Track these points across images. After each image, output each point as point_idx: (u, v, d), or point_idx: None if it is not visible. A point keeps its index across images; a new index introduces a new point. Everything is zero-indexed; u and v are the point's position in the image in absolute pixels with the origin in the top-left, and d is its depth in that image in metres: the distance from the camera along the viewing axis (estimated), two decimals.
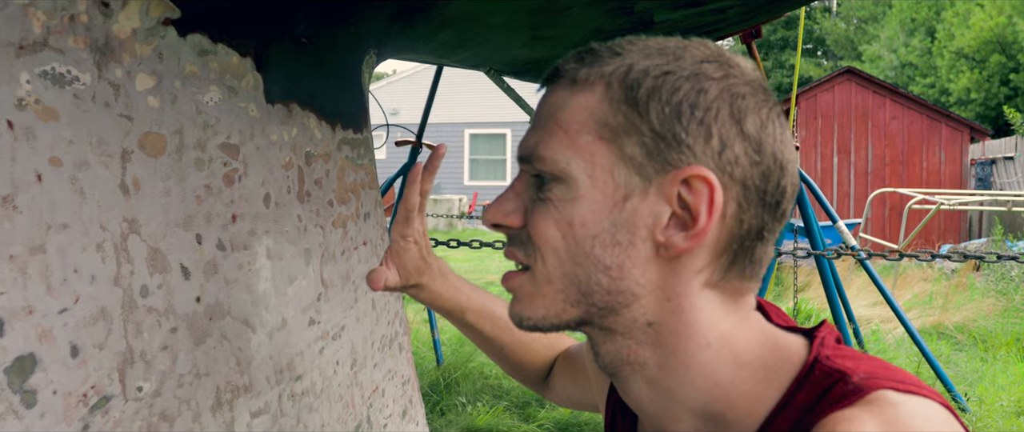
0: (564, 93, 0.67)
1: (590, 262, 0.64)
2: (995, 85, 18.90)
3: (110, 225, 1.04)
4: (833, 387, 0.60)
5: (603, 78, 0.65)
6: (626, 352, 0.68)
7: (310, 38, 1.59)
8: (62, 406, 0.96)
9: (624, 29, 2.38)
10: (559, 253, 0.65)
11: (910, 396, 0.57)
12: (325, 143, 1.66)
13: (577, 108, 0.65)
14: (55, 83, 0.96)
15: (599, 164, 0.63)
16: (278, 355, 1.42)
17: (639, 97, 0.63)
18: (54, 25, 0.96)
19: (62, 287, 0.96)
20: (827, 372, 0.62)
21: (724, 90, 0.64)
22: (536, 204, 0.67)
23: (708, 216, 0.63)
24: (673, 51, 0.66)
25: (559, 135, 0.65)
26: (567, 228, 0.64)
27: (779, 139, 0.66)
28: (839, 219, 4.02)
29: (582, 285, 0.65)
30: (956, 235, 11.36)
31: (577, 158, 0.64)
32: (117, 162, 1.06)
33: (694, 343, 0.66)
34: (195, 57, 1.24)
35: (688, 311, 0.66)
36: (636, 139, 0.63)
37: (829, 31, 30.54)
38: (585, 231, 0.64)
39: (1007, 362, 5.10)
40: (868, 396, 0.58)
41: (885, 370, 0.61)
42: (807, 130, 11.85)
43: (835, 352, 0.65)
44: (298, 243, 1.52)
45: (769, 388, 0.64)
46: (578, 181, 0.64)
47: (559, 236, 0.65)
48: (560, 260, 0.65)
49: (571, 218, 0.64)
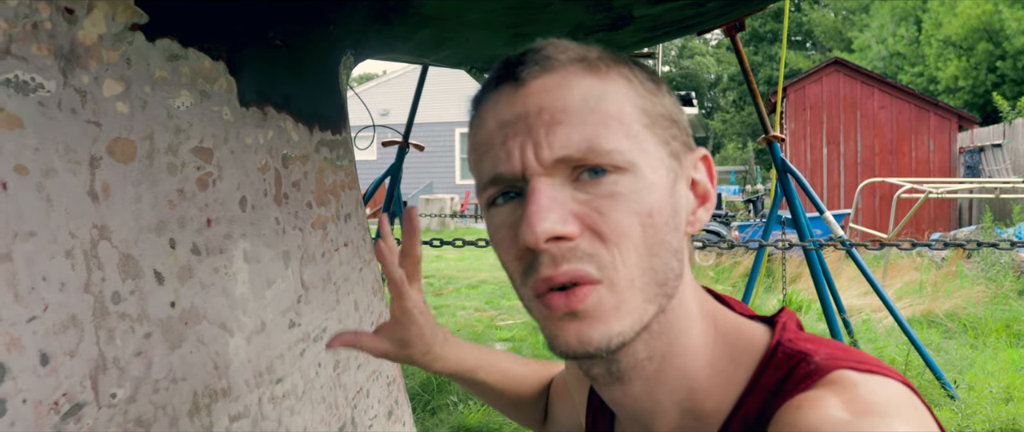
0: (590, 82, 0.62)
1: (664, 249, 0.62)
2: (982, 73, 18.98)
3: (79, 232, 1.04)
4: (795, 368, 0.61)
5: (618, 66, 0.65)
6: (642, 349, 0.66)
7: (284, 40, 1.58)
8: (33, 415, 0.95)
9: (603, 24, 2.38)
10: (639, 248, 0.61)
11: (870, 375, 0.59)
12: (302, 145, 1.66)
13: (620, 97, 0.62)
14: (19, 91, 0.96)
15: (651, 152, 0.63)
16: (257, 358, 1.41)
17: (655, 85, 0.66)
18: (16, 33, 0.96)
19: (30, 295, 0.96)
20: (789, 354, 0.63)
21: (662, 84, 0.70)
22: (597, 202, 0.60)
23: (713, 189, 0.69)
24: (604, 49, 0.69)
25: (613, 127, 0.61)
26: (647, 219, 0.61)
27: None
28: (826, 210, 4.03)
29: (659, 275, 0.62)
30: (946, 223, 11.40)
31: (636, 147, 0.61)
32: (85, 169, 1.06)
33: (690, 321, 0.67)
34: (165, 62, 1.23)
35: (684, 290, 0.68)
36: (663, 124, 0.65)
37: (817, 22, 30.63)
38: (660, 218, 0.62)
39: (996, 349, 5.13)
40: (829, 376, 0.59)
41: (845, 352, 0.62)
42: (796, 122, 11.87)
43: (796, 335, 0.66)
44: (276, 246, 1.51)
45: (738, 370, 0.66)
46: (643, 170, 0.61)
47: (640, 229, 0.61)
48: (639, 256, 0.61)
49: (650, 208, 0.61)
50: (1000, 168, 10.96)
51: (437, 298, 7.60)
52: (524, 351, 5.17)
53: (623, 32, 2.57)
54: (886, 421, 0.53)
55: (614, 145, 0.60)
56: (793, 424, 0.56)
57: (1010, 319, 5.75)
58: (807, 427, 0.55)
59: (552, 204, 0.60)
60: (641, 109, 0.63)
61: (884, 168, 11.59)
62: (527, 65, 0.63)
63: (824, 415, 0.55)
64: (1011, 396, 4.05)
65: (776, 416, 0.59)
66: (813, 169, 11.79)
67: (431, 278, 9.02)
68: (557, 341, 0.62)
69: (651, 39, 2.98)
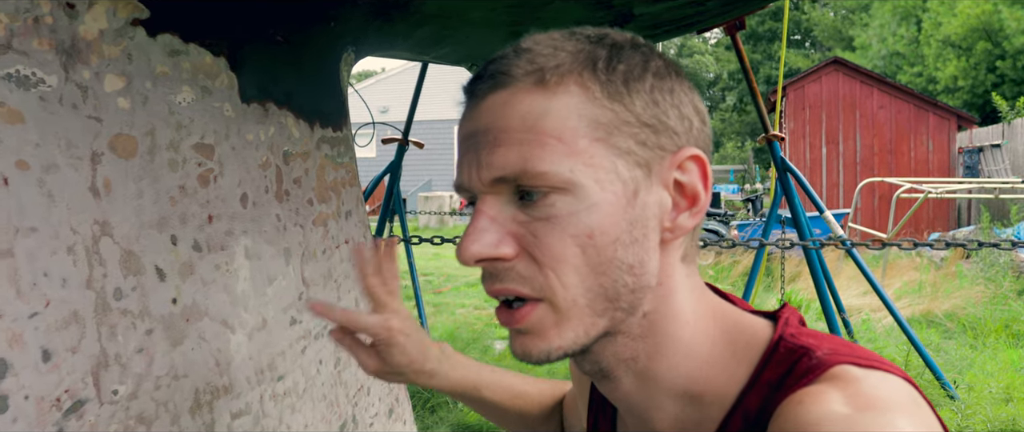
0: (533, 98, 0.61)
1: (614, 267, 0.61)
2: (982, 73, 18.98)
3: (81, 228, 1.03)
4: (797, 363, 0.61)
5: (571, 73, 0.61)
6: (623, 350, 0.67)
7: (285, 37, 1.58)
8: (35, 411, 0.95)
9: (603, 23, 2.38)
10: (580, 269, 0.61)
11: (872, 371, 0.58)
12: (303, 142, 1.66)
13: (564, 112, 0.60)
14: (20, 86, 0.95)
15: (601, 166, 0.60)
16: (259, 355, 1.41)
17: (620, 90, 0.61)
18: (17, 27, 0.95)
19: (32, 291, 0.95)
20: (791, 349, 0.63)
21: (671, 68, 0.66)
22: (533, 225, 0.61)
23: (706, 192, 0.64)
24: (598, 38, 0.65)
25: (552, 145, 0.59)
26: (587, 240, 0.60)
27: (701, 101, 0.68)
28: (826, 209, 4.03)
29: (609, 292, 0.62)
30: (945, 223, 11.41)
31: (578, 164, 0.59)
32: (87, 164, 1.05)
33: (678, 323, 0.67)
34: (166, 57, 1.23)
35: (673, 291, 0.66)
36: (627, 132, 0.61)
37: (817, 21, 30.64)
38: (606, 237, 0.60)
39: (996, 349, 5.13)
40: (831, 371, 0.59)
41: (847, 347, 0.62)
42: (795, 121, 11.87)
43: (798, 331, 0.66)
44: (277, 243, 1.51)
45: (740, 365, 0.65)
46: (587, 188, 0.60)
47: (579, 251, 0.60)
48: (582, 276, 0.61)
49: (590, 229, 0.60)
50: (999, 168, 10.97)
51: (436, 295, 7.59)
52: None
53: (623, 30, 2.56)
54: (887, 416, 0.53)
55: (548, 167, 0.59)
56: (794, 418, 0.56)
57: (1009, 319, 5.75)
58: (808, 421, 0.54)
59: (489, 226, 0.62)
60: (592, 121, 0.60)
61: (883, 168, 11.60)
62: (484, 79, 0.64)
63: (825, 410, 0.55)
64: (1011, 396, 4.05)
65: (777, 411, 0.59)
66: (812, 168, 11.80)
67: (430, 276, 9.02)
68: (511, 349, 0.66)
69: (651, 37, 2.98)
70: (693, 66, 32.61)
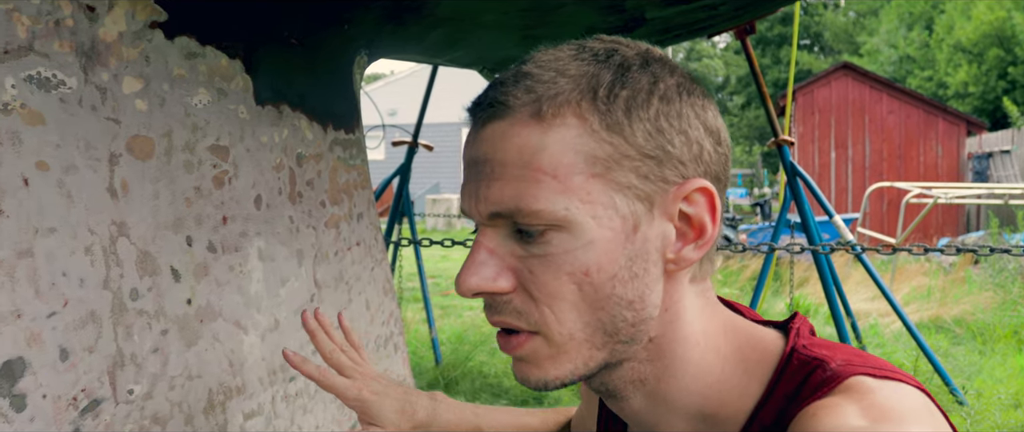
0: (530, 131, 0.59)
1: (612, 303, 0.60)
2: (993, 78, 18.90)
3: (98, 228, 1.04)
4: (811, 374, 0.61)
5: (569, 104, 0.59)
6: (630, 373, 0.66)
7: (300, 39, 1.59)
8: (52, 410, 0.96)
9: (615, 27, 2.38)
10: (578, 306, 0.60)
11: (886, 381, 0.58)
12: (317, 144, 1.67)
13: (562, 146, 0.58)
14: (41, 87, 0.96)
15: (597, 201, 0.58)
16: (271, 356, 1.42)
17: (621, 120, 0.59)
18: (39, 30, 0.96)
19: (51, 291, 0.96)
20: (805, 361, 0.62)
21: (681, 91, 0.62)
22: (530, 261, 0.60)
23: (713, 223, 0.62)
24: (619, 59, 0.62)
25: (547, 182, 0.58)
26: (583, 278, 0.59)
27: (719, 118, 0.65)
28: (835, 214, 4.02)
29: (607, 327, 0.61)
30: (954, 229, 11.37)
31: (574, 201, 0.58)
32: (105, 165, 1.06)
33: (687, 346, 0.66)
34: (183, 60, 1.24)
35: (681, 315, 0.65)
36: (627, 165, 0.59)
37: (827, 25, 30.57)
38: (603, 274, 0.59)
39: (1005, 355, 5.10)
40: (845, 382, 0.58)
41: (861, 358, 0.62)
42: (804, 125, 11.85)
43: (811, 342, 0.65)
44: (290, 244, 1.52)
45: (752, 380, 0.65)
46: (583, 225, 0.58)
47: (575, 288, 0.59)
48: (579, 312, 0.60)
49: (586, 266, 0.59)
50: (1008, 174, 10.92)
51: (444, 298, 7.60)
52: None
53: (634, 35, 2.57)
54: (903, 427, 0.53)
55: (543, 205, 0.58)
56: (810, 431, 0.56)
57: (1018, 325, 5.72)
58: None
59: (488, 259, 0.61)
60: (589, 156, 0.58)
61: (892, 173, 11.56)
62: (483, 107, 0.62)
63: (840, 422, 0.54)
64: (1020, 403, 4.03)
65: (792, 424, 0.58)
66: (821, 173, 11.77)
67: (437, 278, 9.02)
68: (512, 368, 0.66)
69: (662, 42, 2.98)
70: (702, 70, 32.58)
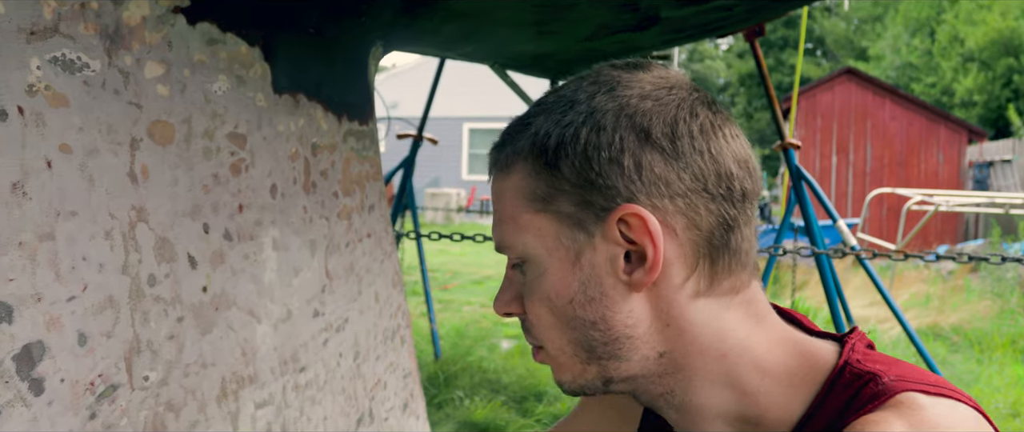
0: (499, 183, 0.69)
1: (579, 323, 0.66)
2: (999, 87, 18.89)
3: (119, 213, 1.04)
4: (863, 389, 0.60)
5: (520, 154, 0.67)
6: (653, 388, 0.68)
7: (318, 28, 1.58)
8: (69, 394, 0.95)
9: (629, 25, 2.38)
10: (556, 326, 0.67)
11: (940, 398, 0.57)
12: (331, 134, 1.66)
13: (508, 192, 0.67)
14: (65, 69, 0.96)
15: (545, 235, 0.65)
16: (283, 346, 1.41)
17: (550, 160, 0.64)
18: (65, 11, 0.95)
19: (71, 275, 0.96)
20: (857, 374, 0.62)
21: (620, 115, 0.63)
22: (523, 289, 0.69)
23: (653, 246, 0.62)
24: (569, 99, 0.66)
25: (508, 222, 0.67)
26: (550, 302, 0.66)
27: (699, 130, 0.64)
28: (839, 218, 4.02)
29: (583, 344, 0.67)
30: (953, 236, 11.37)
31: (527, 237, 0.66)
32: (126, 150, 1.05)
33: (708, 357, 0.66)
34: (204, 46, 1.23)
35: (690, 328, 0.65)
36: (564, 198, 0.64)
37: (829, 31, 30.56)
38: (562, 299, 0.65)
39: (1002, 364, 5.10)
40: (897, 397, 0.57)
41: (916, 373, 0.61)
42: (806, 129, 11.84)
43: (865, 356, 0.64)
44: (304, 234, 1.51)
45: (798, 394, 0.64)
46: (539, 257, 0.66)
47: (546, 311, 0.67)
48: (559, 331, 0.67)
49: (547, 293, 0.66)
50: (1009, 183, 10.93)
51: (443, 292, 7.59)
52: (529, 348, 5.17)
53: (647, 33, 2.56)
54: None
55: (509, 241, 0.68)
56: None
57: (1016, 335, 5.73)
58: None
59: (507, 286, 0.71)
60: (529, 195, 0.66)
61: (893, 179, 11.56)
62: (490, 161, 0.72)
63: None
64: (1018, 412, 4.04)
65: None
66: (822, 177, 11.76)
67: (436, 272, 9.01)
68: None
69: (674, 41, 2.97)
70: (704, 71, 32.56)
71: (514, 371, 4.48)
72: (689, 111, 0.64)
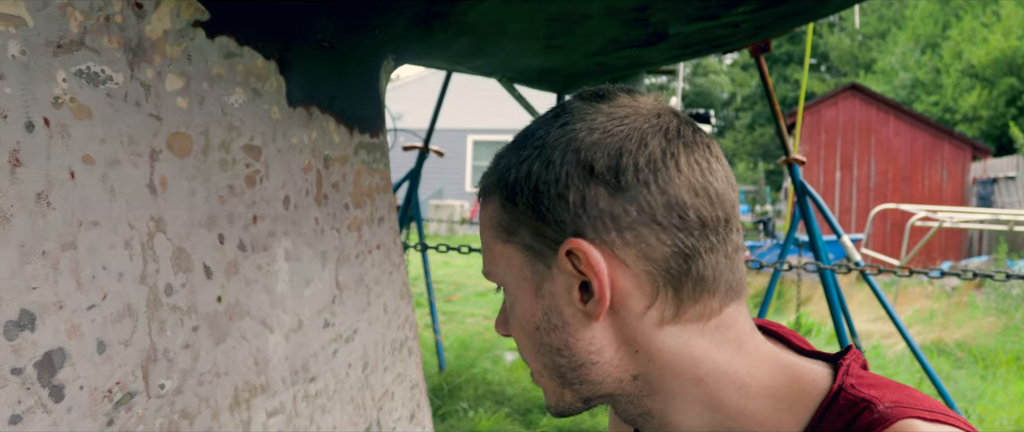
0: (481, 213, 0.71)
1: (546, 349, 0.68)
2: (1002, 104, 18.90)
3: (138, 223, 1.05)
4: (858, 416, 0.59)
5: (491, 187, 0.69)
6: (632, 408, 0.69)
7: (332, 42, 1.60)
8: (88, 401, 0.97)
9: (637, 40, 2.40)
10: (529, 350, 0.70)
11: (938, 425, 0.56)
12: (343, 147, 1.68)
13: (485, 223, 0.70)
14: (90, 82, 0.98)
15: (513, 265, 0.68)
16: (294, 356, 1.43)
17: (512, 194, 0.66)
18: (91, 25, 0.97)
19: (91, 283, 0.97)
20: (853, 401, 0.60)
21: (568, 149, 0.63)
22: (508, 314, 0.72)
23: (597, 279, 0.62)
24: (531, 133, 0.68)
25: (486, 251, 0.71)
26: (521, 328, 0.69)
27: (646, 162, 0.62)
28: (844, 233, 4.03)
29: (554, 370, 0.69)
30: (957, 253, 11.37)
31: (500, 266, 0.69)
32: (146, 161, 1.07)
33: (683, 381, 0.65)
34: (222, 59, 1.25)
35: (660, 354, 0.65)
36: (525, 231, 0.66)
37: (834, 46, 30.64)
38: (529, 325, 0.68)
39: (1007, 381, 5.10)
40: (895, 426, 0.56)
41: (912, 398, 0.60)
42: (810, 145, 11.87)
43: (860, 380, 0.63)
44: (315, 245, 1.53)
45: (788, 418, 0.63)
46: (510, 285, 0.69)
47: (522, 336, 0.70)
48: (533, 355, 0.70)
49: (519, 318, 0.69)
50: (1013, 200, 10.93)
51: (446, 304, 7.60)
52: None
53: (655, 49, 2.58)
54: None
55: (488, 269, 0.71)
56: None
57: (1021, 351, 5.72)
58: None
59: (502, 310, 0.74)
60: (498, 225, 0.68)
61: (897, 195, 11.57)
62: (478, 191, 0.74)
63: None
64: (1021, 429, 4.03)
65: None
66: (826, 193, 11.78)
67: (440, 284, 9.03)
68: None
69: (680, 56, 2.99)
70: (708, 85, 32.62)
71: (518, 383, 4.49)
72: (638, 143, 0.62)
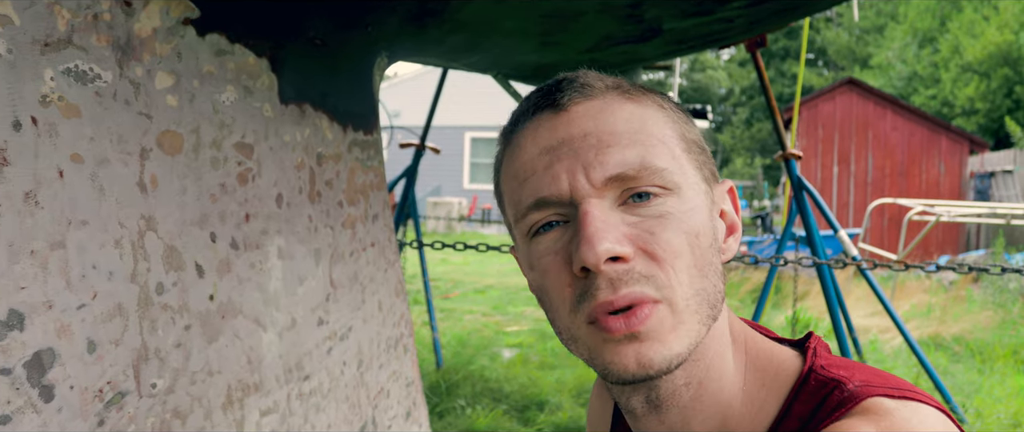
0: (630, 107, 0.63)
1: (711, 270, 0.62)
2: (999, 96, 18.91)
3: (128, 222, 1.05)
4: (829, 396, 0.60)
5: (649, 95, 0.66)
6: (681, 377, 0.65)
7: (324, 40, 1.60)
8: (78, 401, 0.96)
9: (632, 36, 2.39)
10: (690, 269, 0.60)
11: (905, 402, 0.58)
12: (336, 144, 1.67)
13: (660, 122, 0.63)
14: (78, 80, 0.97)
15: (690, 175, 0.63)
16: (287, 354, 1.42)
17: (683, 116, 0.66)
18: (78, 23, 0.97)
19: (81, 283, 0.97)
20: (823, 381, 0.62)
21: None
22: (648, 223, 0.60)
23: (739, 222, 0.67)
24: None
25: (660, 148, 0.62)
26: (695, 239, 0.60)
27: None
28: (841, 228, 4.03)
29: (709, 296, 0.62)
30: (954, 247, 11.38)
31: (679, 169, 0.62)
32: (136, 160, 1.07)
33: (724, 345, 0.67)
34: (213, 57, 1.24)
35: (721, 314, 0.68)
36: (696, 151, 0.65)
37: (831, 41, 30.63)
38: (705, 239, 0.62)
39: (1004, 374, 5.10)
40: (863, 403, 0.58)
41: (879, 378, 0.61)
42: (807, 139, 11.87)
43: (828, 361, 0.64)
44: (309, 243, 1.52)
45: (769, 397, 0.65)
46: (688, 191, 0.62)
47: (689, 249, 0.60)
48: (691, 276, 0.60)
49: (697, 228, 0.61)
50: (1010, 194, 10.94)
51: (444, 301, 7.60)
52: (531, 357, 5.17)
53: (650, 44, 2.58)
54: None
55: (664, 164, 0.61)
56: None
57: (1018, 345, 5.72)
58: None
59: (606, 226, 0.59)
60: (679, 134, 0.64)
61: (894, 189, 11.58)
62: (565, 92, 0.64)
63: None
64: (1020, 422, 4.04)
65: None
66: (823, 187, 11.78)
67: (438, 281, 9.02)
68: (614, 367, 0.60)
69: (676, 52, 2.99)
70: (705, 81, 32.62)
71: (516, 380, 4.49)
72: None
